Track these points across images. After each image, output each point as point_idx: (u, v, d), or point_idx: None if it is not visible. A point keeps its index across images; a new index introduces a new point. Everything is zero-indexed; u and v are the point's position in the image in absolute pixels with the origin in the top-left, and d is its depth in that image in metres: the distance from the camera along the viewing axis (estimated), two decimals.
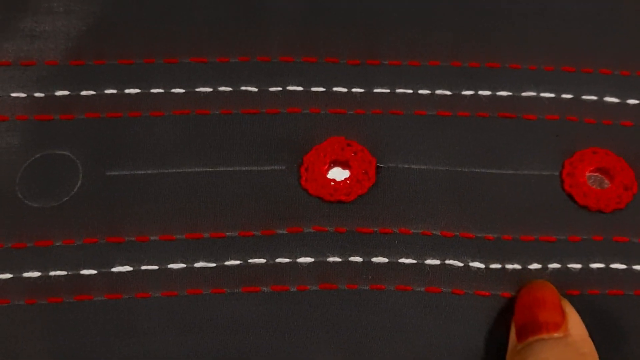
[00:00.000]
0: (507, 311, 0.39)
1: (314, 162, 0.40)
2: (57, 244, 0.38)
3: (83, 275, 0.38)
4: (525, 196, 0.40)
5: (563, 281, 0.39)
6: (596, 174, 0.41)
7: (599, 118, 0.42)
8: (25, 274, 0.38)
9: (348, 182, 0.39)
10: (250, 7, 0.43)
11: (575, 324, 0.36)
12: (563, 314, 0.36)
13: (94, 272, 0.38)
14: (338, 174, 0.40)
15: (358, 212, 0.39)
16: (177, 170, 0.39)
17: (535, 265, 0.39)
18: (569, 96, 0.42)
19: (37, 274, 0.38)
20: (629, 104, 0.42)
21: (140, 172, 0.39)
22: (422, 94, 0.42)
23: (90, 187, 0.39)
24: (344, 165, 0.40)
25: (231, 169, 0.40)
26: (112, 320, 0.37)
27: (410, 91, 0.42)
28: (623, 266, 0.39)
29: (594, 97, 0.42)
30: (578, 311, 0.37)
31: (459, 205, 0.40)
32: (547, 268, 0.39)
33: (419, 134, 0.41)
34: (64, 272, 0.38)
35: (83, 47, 0.42)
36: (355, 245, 0.39)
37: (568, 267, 0.39)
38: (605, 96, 0.42)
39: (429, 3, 0.44)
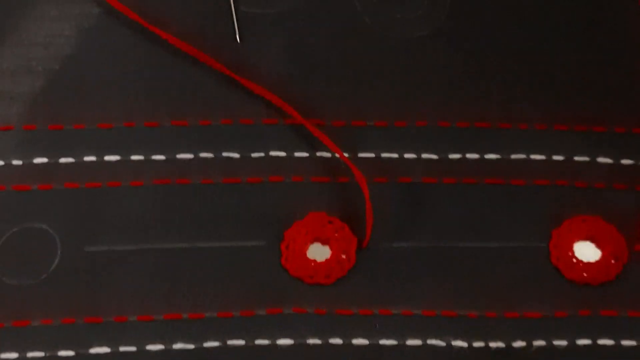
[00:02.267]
0: None
1: (294, 239, 0.39)
2: (35, 324, 0.38)
3: (61, 356, 0.38)
4: (511, 270, 0.39)
5: (548, 359, 0.38)
6: (587, 241, 0.40)
7: (591, 181, 0.41)
8: (3, 355, 0.37)
9: (328, 263, 0.39)
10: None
11: None
12: None
13: (71, 353, 0.38)
14: (318, 250, 0.39)
15: (338, 294, 0.39)
16: (157, 247, 0.39)
17: (519, 343, 0.39)
18: (561, 158, 0.41)
19: (14, 355, 0.38)
20: (623, 165, 0.41)
21: (119, 248, 0.39)
22: (407, 159, 0.41)
23: (68, 263, 0.39)
24: (325, 241, 0.39)
25: (211, 245, 0.39)
26: None
27: (396, 156, 0.41)
28: (611, 342, 0.39)
29: (587, 158, 0.41)
30: None
31: (440, 282, 0.39)
32: (532, 346, 0.39)
33: (402, 205, 0.40)
34: (41, 354, 0.38)
35: (62, 109, 0.41)
36: (334, 327, 0.38)
37: (553, 344, 0.39)
38: (598, 156, 0.41)
39: (417, 57, 0.42)
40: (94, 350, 0.38)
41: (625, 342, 0.39)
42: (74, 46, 0.42)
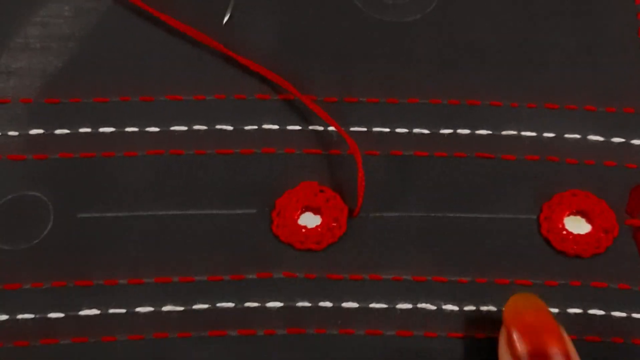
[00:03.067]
0: (481, 352, 0.38)
1: (285, 207, 0.39)
2: (26, 287, 0.38)
3: (50, 318, 0.38)
4: (501, 241, 0.39)
5: None
6: (577, 216, 0.40)
7: (582, 158, 0.41)
8: None
9: (319, 229, 0.39)
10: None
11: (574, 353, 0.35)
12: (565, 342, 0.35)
13: (61, 315, 0.38)
14: (309, 219, 0.39)
15: (328, 259, 0.39)
16: (149, 213, 0.39)
17: None
18: (551, 135, 0.41)
19: (4, 317, 0.38)
20: (613, 143, 0.41)
21: (111, 215, 0.39)
22: (399, 133, 0.41)
23: (61, 229, 0.39)
24: (316, 211, 0.39)
25: (202, 212, 0.39)
26: None
27: (388, 130, 0.41)
28: (601, 312, 0.39)
29: (577, 136, 0.41)
30: None
31: (431, 250, 0.39)
32: None
33: (394, 177, 0.40)
34: (31, 316, 0.38)
35: (59, 84, 0.42)
36: (325, 291, 0.38)
37: None
38: (588, 134, 0.41)
39: (408, 39, 0.43)
40: (83, 312, 0.38)
41: (615, 313, 0.39)
42: (72, 26, 0.43)
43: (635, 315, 0.38)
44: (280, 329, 0.38)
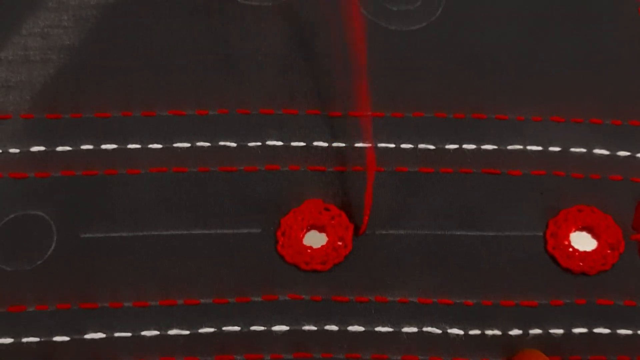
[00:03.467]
0: None
1: (291, 226, 0.39)
2: (30, 310, 0.38)
3: (55, 342, 0.38)
4: (507, 259, 0.39)
5: (544, 347, 0.38)
6: (582, 232, 0.40)
7: (587, 172, 0.41)
8: None
9: (324, 249, 0.39)
10: (229, 58, 0.42)
11: None
12: None
13: (66, 338, 0.38)
14: (315, 237, 0.39)
15: (334, 280, 0.39)
16: (152, 233, 0.39)
17: (515, 331, 0.38)
18: (557, 149, 0.41)
19: (9, 340, 0.38)
20: (619, 157, 0.41)
21: (114, 235, 0.39)
22: (404, 149, 0.41)
23: (64, 249, 0.39)
24: (321, 229, 0.39)
25: (207, 231, 0.39)
26: None
27: (393, 145, 0.41)
28: (607, 331, 0.39)
29: (583, 150, 0.41)
30: None
31: (437, 270, 0.39)
32: (529, 334, 0.38)
33: (399, 194, 0.40)
34: (36, 339, 0.38)
35: (60, 99, 0.41)
36: (330, 314, 0.38)
37: (550, 333, 0.39)
38: (594, 148, 0.41)
39: (412, 51, 0.42)
40: (89, 336, 0.38)
41: (621, 331, 0.39)
42: (72, 37, 0.43)
43: None
44: (286, 354, 0.38)
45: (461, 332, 0.38)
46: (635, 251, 0.40)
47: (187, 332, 0.38)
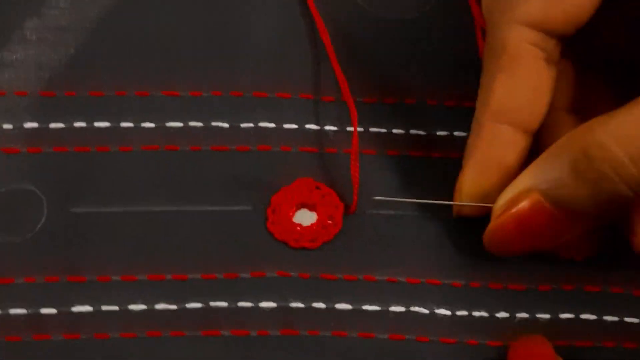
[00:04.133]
0: (473, 359, 0.38)
1: (281, 204, 0.39)
2: (19, 282, 0.38)
3: (43, 314, 0.37)
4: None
5: (531, 331, 0.38)
6: None
7: None
8: None
9: (314, 227, 0.39)
10: (223, 41, 0.42)
11: None
12: None
13: (53, 311, 0.38)
14: (305, 216, 0.39)
15: (322, 258, 0.39)
16: (143, 209, 0.39)
17: (503, 314, 0.39)
18: None
19: None
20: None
21: (105, 210, 0.39)
22: (396, 134, 0.41)
23: (54, 223, 0.39)
24: (312, 207, 0.39)
25: (197, 208, 0.39)
26: None
27: (384, 130, 0.41)
28: (593, 317, 0.39)
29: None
30: None
31: (426, 251, 0.39)
32: (515, 317, 0.38)
33: (390, 177, 0.40)
34: (23, 311, 0.37)
35: (54, 77, 0.41)
36: (318, 291, 0.38)
37: (537, 317, 0.39)
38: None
39: (405, 42, 0.43)
40: (76, 309, 0.38)
41: (607, 318, 0.39)
42: (68, 18, 0.43)
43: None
44: (273, 330, 0.38)
45: (448, 313, 0.38)
46: None
47: (174, 307, 0.38)
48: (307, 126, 0.41)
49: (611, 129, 0.32)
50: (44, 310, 0.38)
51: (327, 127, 0.41)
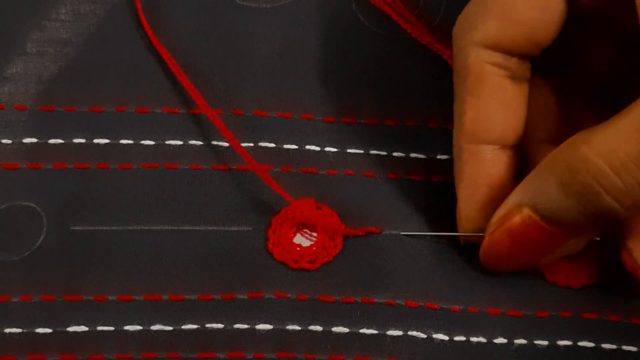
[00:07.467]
0: None
1: (281, 224, 0.39)
2: (14, 300, 0.38)
3: (38, 333, 0.37)
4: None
5: (529, 358, 0.38)
6: None
7: None
8: None
9: (314, 248, 0.38)
10: (225, 59, 0.42)
11: None
12: None
13: (49, 330, 0.37)
14: (306, 237, 0.39)
15: (321, 280, 0.39)
16: (142, 228, 0.39)
17: (500, 340, 0.38)
18: None
19: None
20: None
21: (104, 228, 0.39)
22: (396, 157, 0.41)
23: (53, 241, 0.38)
24: (312, 228, 0.39)
25: (197, 228, 0.39)
26: None
27: (385, 153, 0.41)
28: (591, 344, 0.39)
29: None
30: None
31: (425, 274, 0.39)
32: (513, 343, 0.38)
33: (390, 199, 0.40)
34: (18, 330, 0.37)
35: (54, 92, 0.41)
36: (315, 314, 0.38)
37: (535, 344, 0.38)
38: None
39: (408, 62, 0.43)
40: (71, 329, 0.38)
41: (605, 345, 0.39)
42: (69, 30, 0.43)
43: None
44: (269, 353, 0.37)
45: (446, 338, 0.38)
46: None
47: (170, 328, 0.38)
48: (308, 147, 0.41)
49: (594, 142, 0.33)
50: (40, 330, 0.37)
51: (328, 149, 0.41)
